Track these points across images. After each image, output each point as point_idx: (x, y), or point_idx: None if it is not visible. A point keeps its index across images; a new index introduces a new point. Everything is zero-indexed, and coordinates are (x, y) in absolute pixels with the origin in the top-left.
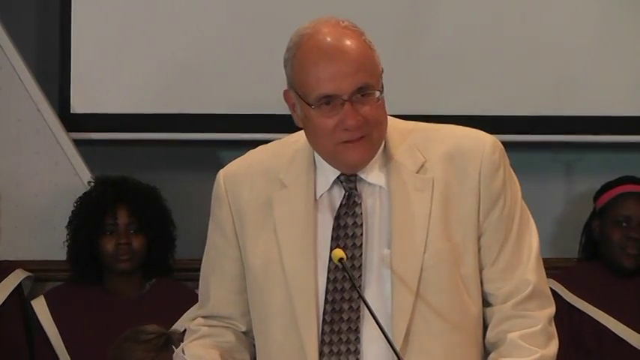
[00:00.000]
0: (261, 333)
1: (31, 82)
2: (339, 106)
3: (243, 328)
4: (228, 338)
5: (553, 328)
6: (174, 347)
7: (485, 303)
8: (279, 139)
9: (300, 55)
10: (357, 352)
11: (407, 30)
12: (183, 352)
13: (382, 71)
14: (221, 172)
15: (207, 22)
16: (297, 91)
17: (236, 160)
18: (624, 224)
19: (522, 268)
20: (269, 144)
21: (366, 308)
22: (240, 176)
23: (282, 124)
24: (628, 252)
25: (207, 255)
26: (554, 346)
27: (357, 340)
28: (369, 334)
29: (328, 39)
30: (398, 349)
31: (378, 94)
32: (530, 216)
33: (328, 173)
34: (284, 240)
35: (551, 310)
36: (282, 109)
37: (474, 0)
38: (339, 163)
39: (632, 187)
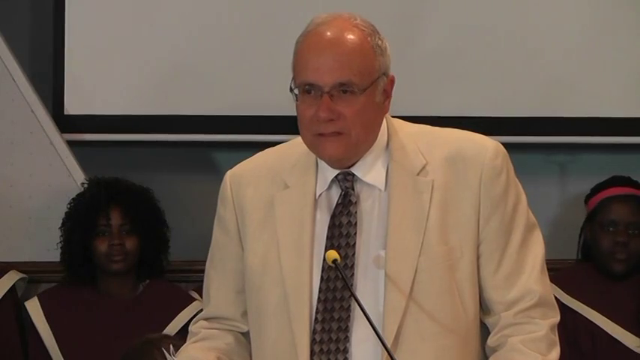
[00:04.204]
0: (257, 330)
1: (25, 83)
2: (318, 97)
3: (245, 329)
4: (227, 340)
5: (555, 337)
6: (164, 350)
7: (489, 311)
8: (274, 140)
9: (301, 42)
10: (345, 351)
11: (400, 31)
12: (173, 354)
13: (387, 77)
14: (228, 172)
15: (200, 24)
16: (292, 75)
17: (244, 161)
18: (611, 229)
19: (526, 276)
20: (276, 146)
21: (357, 308)
22: (246, 177)
23: (277, 126)
24: (617, 257)
25: (210, 254)
26: (555, 354)
27: (347, 339)
28: (359, 334)
29: (329, 32)
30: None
31: (360, 94)
32: (537, 224)
33: (327, 172)
34: (283, 239)
35: (555, 319)
36: (277, 110)
37: (468, 2)
38: (319, 155)
39: (617, 190)
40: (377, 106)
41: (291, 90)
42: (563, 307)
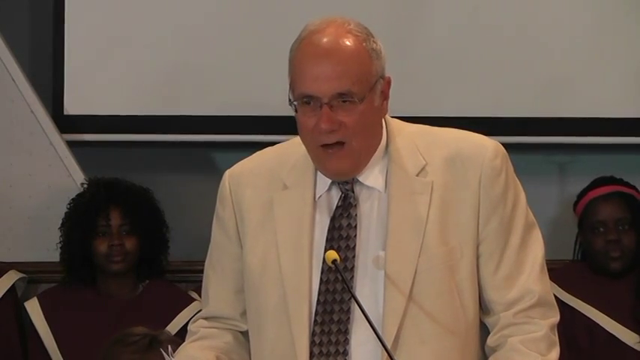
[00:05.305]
0: (256, 331)
1: (25, 83)
2: (318, 108)
3: (244, 328)
4: (226, 339)
5: (555, 337)
6: (162, 351)
7: (488, 311)
8: (274, 140)
9: (296, 50)
10: (345, 353)
11: (400, 31)
12: (171, 355)
13: (384, 79)
14: (227, 172)
15: (200, 24)
16: (290, 84)
17: (242, 160)
18: (601, 229)
19: (525, 276)
20: (275, 145)
21: (356, 310)
22: (245, 177)
23: (277, 126)
24: (611, 255)
25: (209, 254)
26: (555, 354)
27: (346, 341)
28: (359, 336)
29: (324, 39)
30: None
31: (360, 102)
32: (536, 224)
33: None
34: (282, 240)
35: (555, 319)
36: (276, 111)
37: (468, 2)
38: (322, 169)
39: (600, 191)
40: (376, 109)
41: (290, 102)
42: (560, 305)
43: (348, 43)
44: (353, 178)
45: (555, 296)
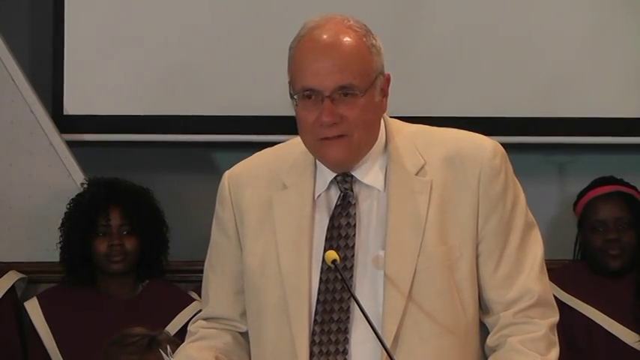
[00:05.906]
0: (256, 331)
1: (24, 83)
2: (319, 102)
3: (244, 329)
4: (225, 340)
5: (555, 337)
6: (161, 351)
7: (488, 311)
8: (274, 140)
9: (296, 47)
10: (345, 352)
11: (400, 31)
12: (170, 355)
13: (384, 75)
14: (226, 173)
15: (200, 24)
16: (289, 80)
17: (241, 161)
18: (601, 229)
19: (525, 276)
20: (274, 146)
21: (356, 310)
22: (244, 178)
23: (277, 126)
24: (610, 253)
25: (209, 255)
26: (554, 354)
27: (346, 340)
28: (359, 335)
29: (324, 35)
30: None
31: (361, 95)
32: (536, 224)
33: (326, 174)
34: (282, 239)
35: (555, 318)
36: (277, 110)
37: (467, 2)
38: (322, 159)
39: (600, 190)
40: (376, 105)
41: (292, 96)
42: (560, 304)
43: (348, 38)
44: (352, 176)
45: (555, 296)
